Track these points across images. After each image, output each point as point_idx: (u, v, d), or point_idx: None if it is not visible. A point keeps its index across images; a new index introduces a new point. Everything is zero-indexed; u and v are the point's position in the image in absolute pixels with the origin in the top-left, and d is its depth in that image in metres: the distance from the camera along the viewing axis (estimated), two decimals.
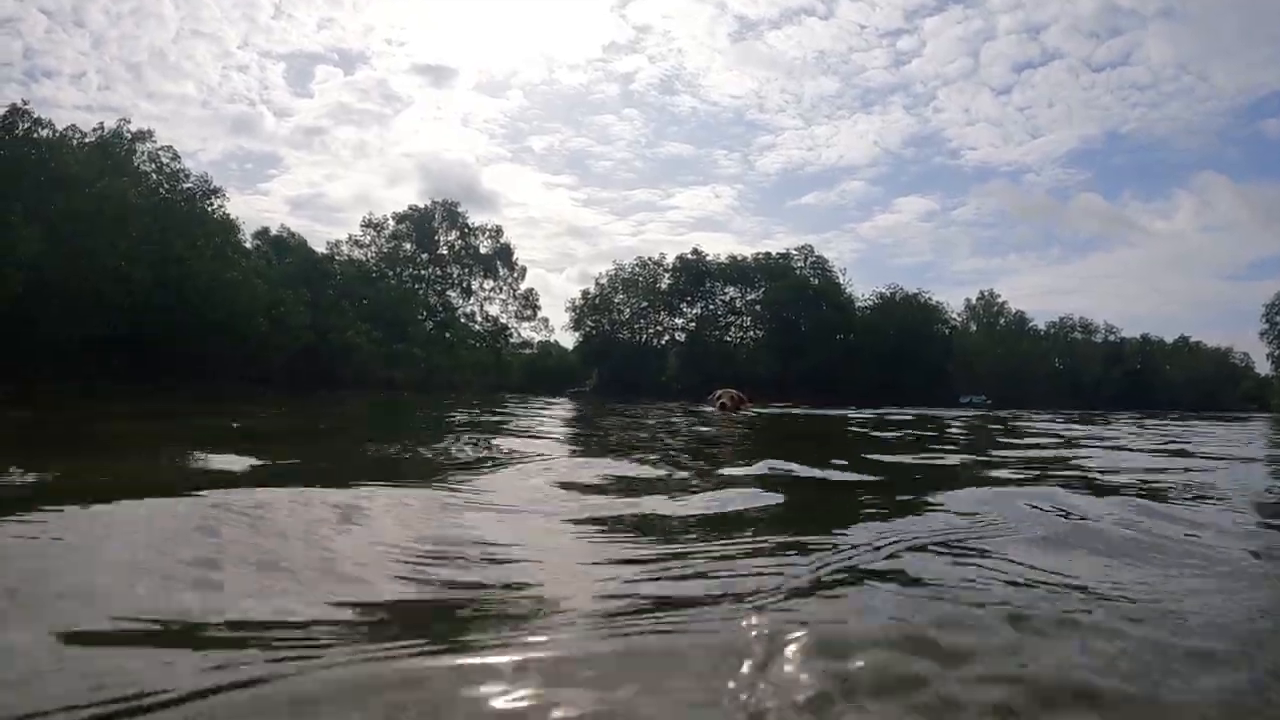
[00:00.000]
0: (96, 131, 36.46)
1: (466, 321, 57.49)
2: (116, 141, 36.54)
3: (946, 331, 69.51)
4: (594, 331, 63.93)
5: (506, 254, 59.12)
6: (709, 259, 65.13)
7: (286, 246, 48.21)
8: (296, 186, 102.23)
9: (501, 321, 58.63)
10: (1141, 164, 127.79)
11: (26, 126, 32.76)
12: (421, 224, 57.89)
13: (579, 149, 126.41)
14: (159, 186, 36.73)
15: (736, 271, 65.15)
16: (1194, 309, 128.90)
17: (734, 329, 66.04)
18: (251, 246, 43.94)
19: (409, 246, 57.47)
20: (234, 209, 40.34)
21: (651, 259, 65.76)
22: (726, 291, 65.52)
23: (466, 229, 58.73)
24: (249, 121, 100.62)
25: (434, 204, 59.21)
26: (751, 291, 65.08)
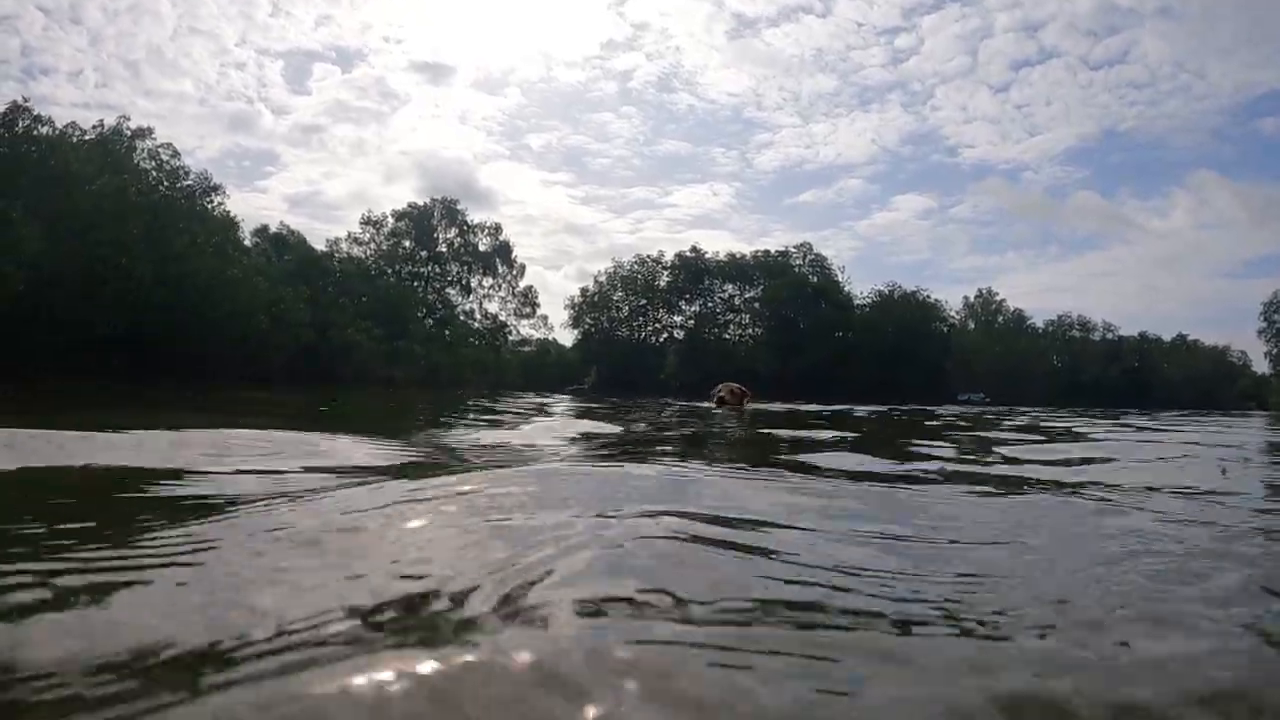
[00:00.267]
0: (96, 129, 36.46)
1: (466, 319, 57.55)
2: (116, 139, 36.52)
3: (945, 329, 69.70)
4: (593, 329, 64.07)
5: (505, 251, 59.18)
6: (708, 256, 65.32)
7: (286, 244, 48.20)
8: (294, 184, 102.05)
9: (500, 319, 58.77)
10: (1139, 162, 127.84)
11: (27, 124, 32.80)
12: (421, 221, 57.90)
13: (576, 146, 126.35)
14: (158, 184, 36.72)
15: (735, 269, 65.28)
16: (1191, 307, 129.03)
17: (733, 327, 66.22)
18: (251, 244, 43.95)
19: (408, 244, 57.50)
20: (232, 206, 40.35)
21: (650, 257, 65.99)
22: (725, 289, 65.69)
23: (466, 226, 58.78)
24: (247, 119, 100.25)
25: (433, 201, 59.31)
26: (750, 289, 65.22)
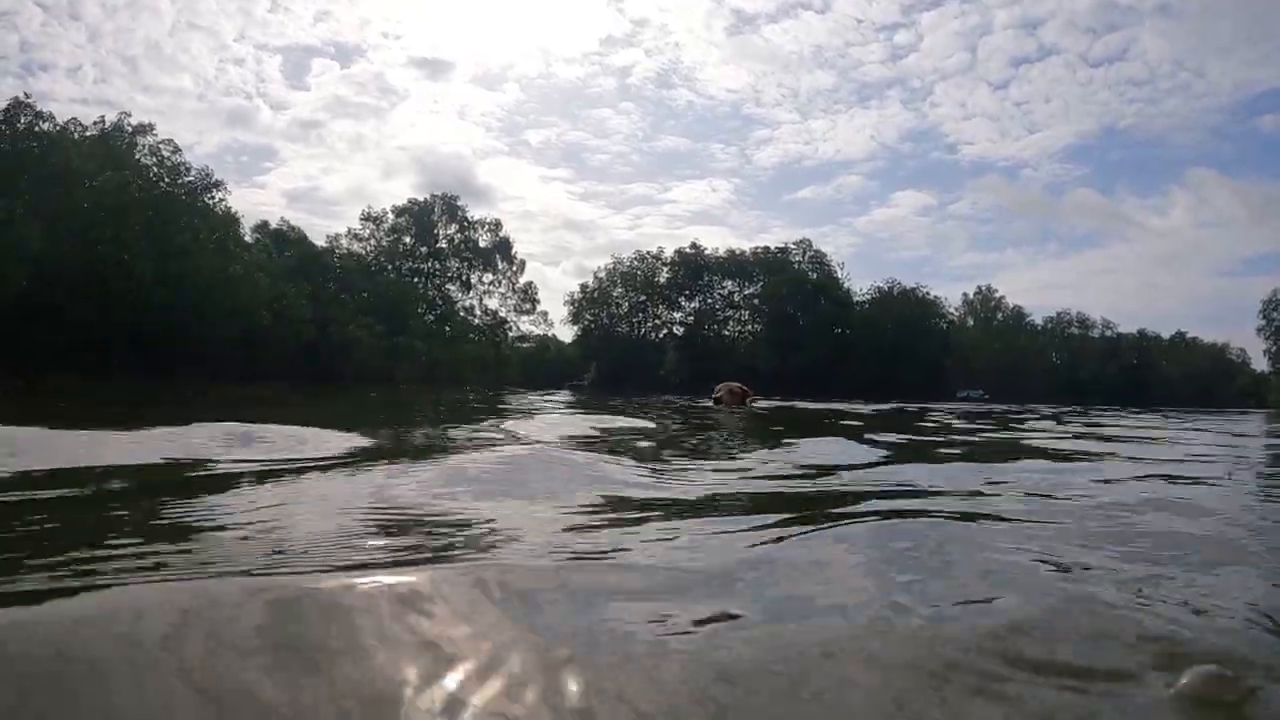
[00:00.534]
0: (97, 125, 36.52)
1: (466, 315, 57.66)
2: (117, 135, 36.57)
3: (944, 326, 69.81)
4: (593, 325, 64.21)
5: (506, 247, 59.23)
6: (707, 253, 65.41)
7: (286, 240, 48.24)
8: (293, 180, 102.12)
9: (500, 315, 58.87)
10: (1138, 160, 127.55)
11: (28, 120, 32.92)
12: (421, 217, 57.93)
13: (575, 142, 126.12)
14: (159, 180, 36.78)
15: (735, 265, 65.36)
16: (1190, 305, 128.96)
17: (732, 323, 66.35)
18: (251, 240, 44.00)
19: (408, 240, 57.54)
20: (231, 202, 40.37)
21: (650, 253, 66.06)
22: (725, 285, 65.79)
23: (466, 222, 58.79)
24: (245, 115, 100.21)
25: (433, 197, 59.28)
26: (750, 285, 65.32)
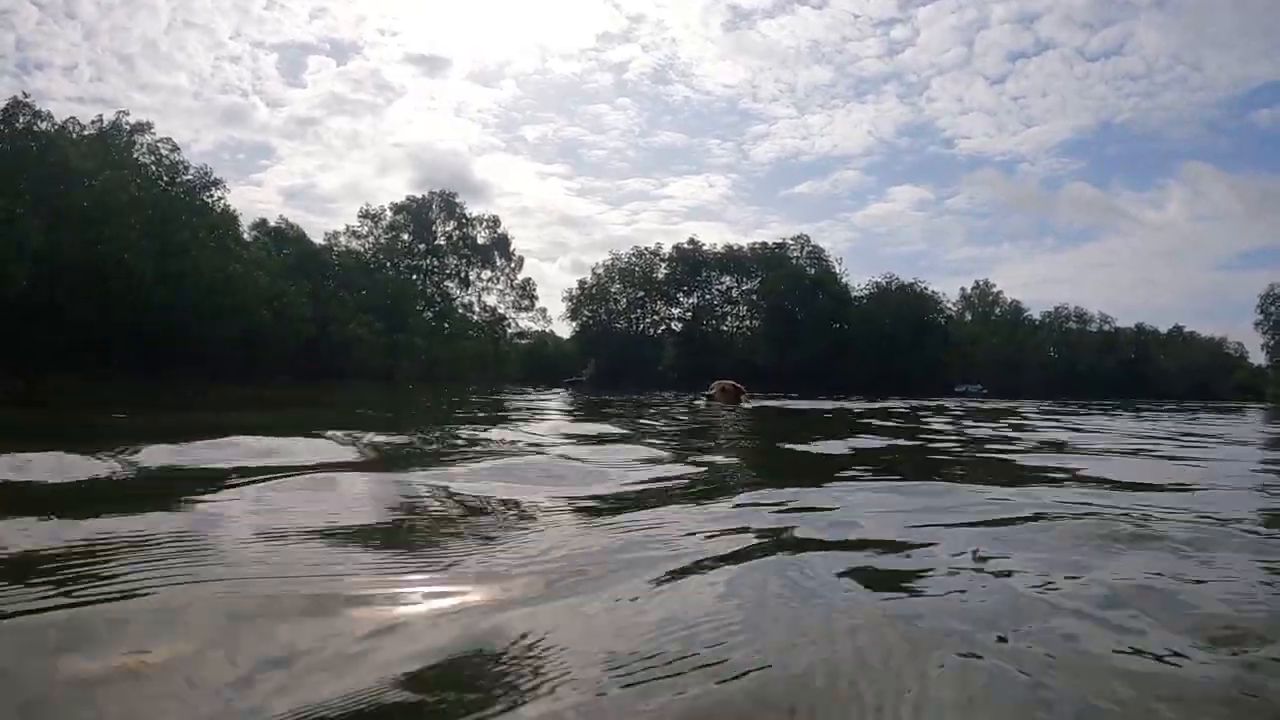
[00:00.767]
0: (95, 124, 36.64)
1: (465, 312, 57.81)
2: (115, 134, 36.68)
3: (942, 321, 69.92)
4: (591, 321, 64.34)
5: (504, 244, 59.37)
6: (705, 248, 65.49)
7: (285, 238, 48.34)
8: (289, 177, 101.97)
9: (499, 312, 59.03)
10: (1134, 154, 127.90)
11: (27, 119, 32.99)
12: (419, 214, 58.03)
13: (572, 138, 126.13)
14: (158, 179, 36.89)
15: (733, 261, 65.46)
16: (1187, 299, 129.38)
17: (730, 318, 66.49)
18: (250, 238, 44.11)
19: (406, 237, 57.67)
20: (229, 200, 40.51)
21: (648, 249, 66.18)
22: (723, 281, 65.89)
23: (464, 219, 58.92)
24: (241, 112, 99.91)
25: (431, 194, 59.38)
26: (748, 281, 65.42)
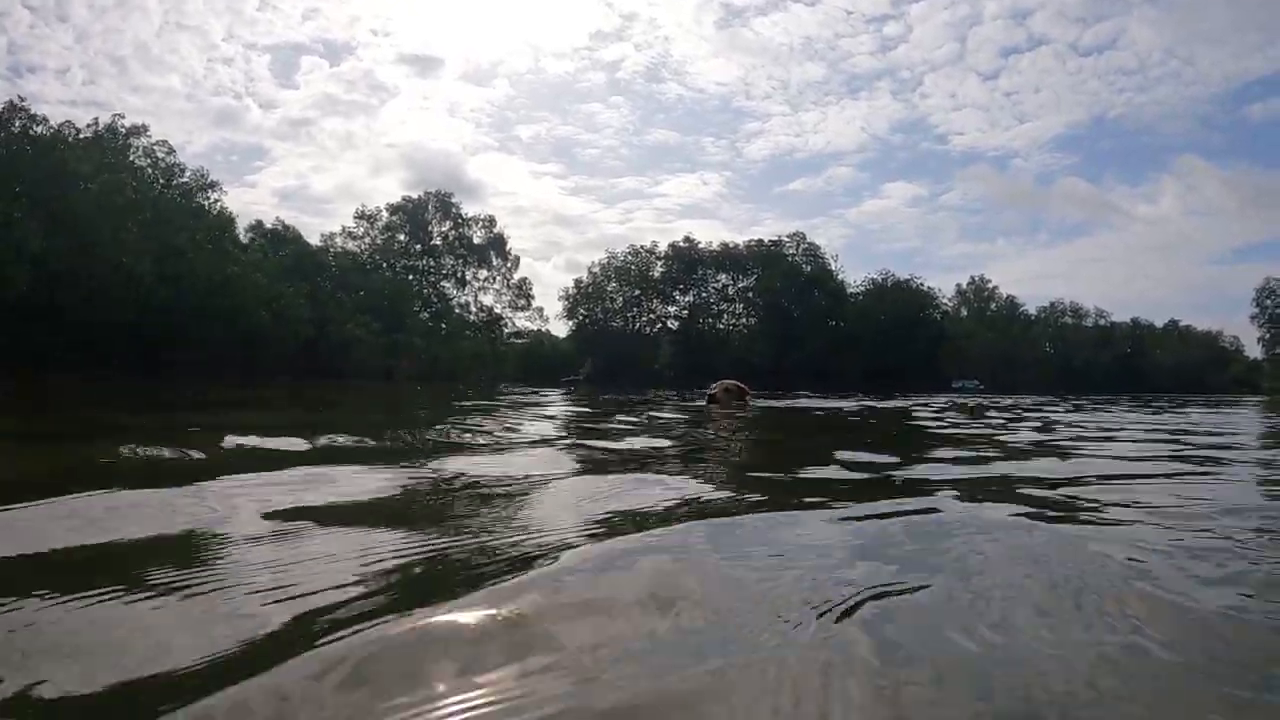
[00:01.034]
0: (91, 126, 36.75)
1: (461, 312, 57.93)
2: (111, 136, 36.81)
3: (938, 317, 70.19)
4: (587, 320, 64.46)
5: (500, 244, 59.48)
6: (701, 246, 65.62)
7: (282, 239, 48.46)
8: (283, 178, 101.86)
9: (496, 312, 59.14)
10: (1128, 149, 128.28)
11: (23, 123, 33.08)
12: (415, 215, 58.13)
13: (565, 137, 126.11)
14: (154, 181, 37.03)
15: (728, 259, 65.59)
16: (1181, 293, 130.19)
17: (727, 316, 66.65)
18: (247, 239, 44.26)
19: (402, 237, 57.78)
20: (225, 202, 40.70)
21: (644, 247, 66.25)
22: (719, 279, 66.03)
23: (460, 219, 59.02)
24: (234, 114, 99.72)
25: (427, 194, 59.47)
26: (743, 279, 65.59)
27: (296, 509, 2.02)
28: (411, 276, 56.58)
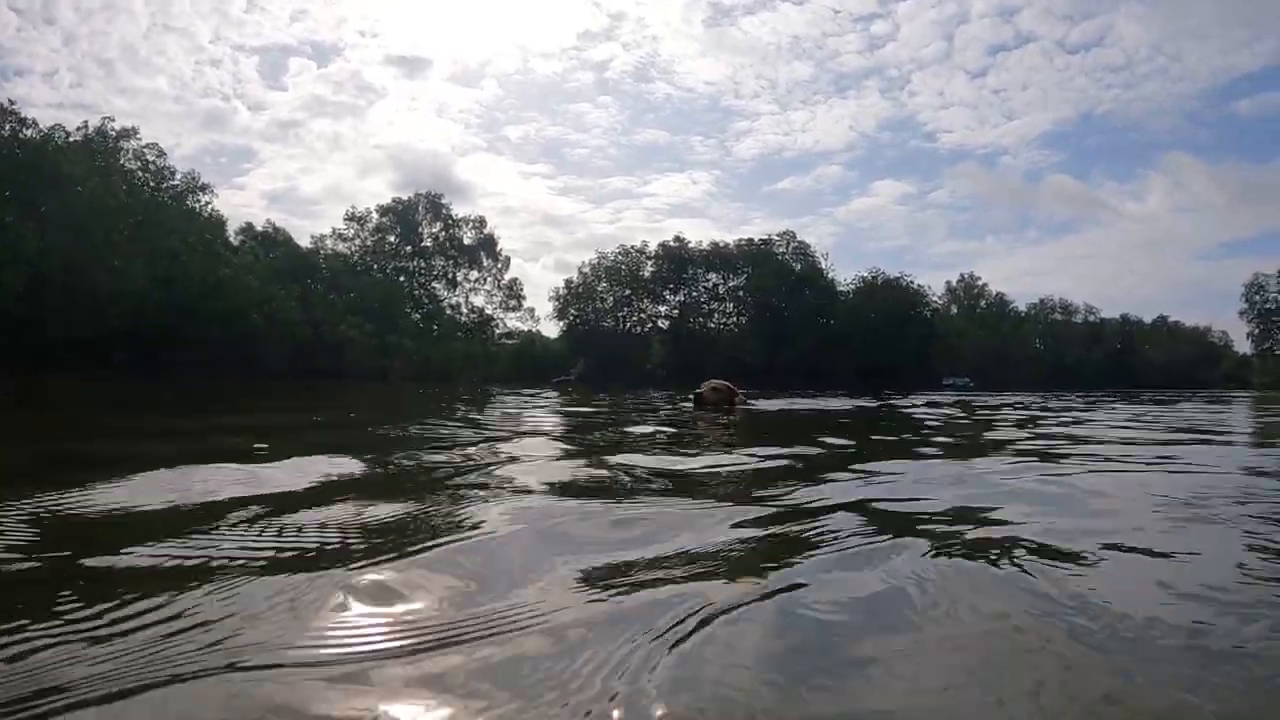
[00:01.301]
0: (81, 130, 36.94)
1: (453, 313, 58.12)
2: (101, 140, 36.97)
3: (928, 314, 70.56)
4: (578, 320, 64.72)
5: (490, 244, 59.71)
6: (691, 245, 65.92)
7: (273, 242, 48.68)
8: (272, 180, 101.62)
9: (487, 312, 59.36)
10: (1115, 146, 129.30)
11: (12, 126, 33.24)
12: (405, 216, 58.32)
13: (554, 137, 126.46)
14: (145, 184, 37.19)
15: (718, 258, 65.88)
16: (1170, 289, 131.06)
17: (717, 315, 66.95)
18: (238, 242, 44.43)
19: (393, 239, 57.94)
20: (215, 205, 40.89)
21: (634, 247, 66.57)
22: (709, 278, 66.33)
23: (450, 220, 59.24)
24: (222, 116, 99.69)
25: (417, 196, 59.73)
26: (734, 278, 65.88)
27: None
28: (402, 278, 56.78)
